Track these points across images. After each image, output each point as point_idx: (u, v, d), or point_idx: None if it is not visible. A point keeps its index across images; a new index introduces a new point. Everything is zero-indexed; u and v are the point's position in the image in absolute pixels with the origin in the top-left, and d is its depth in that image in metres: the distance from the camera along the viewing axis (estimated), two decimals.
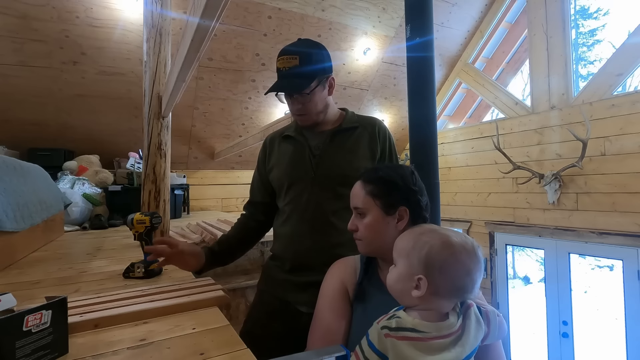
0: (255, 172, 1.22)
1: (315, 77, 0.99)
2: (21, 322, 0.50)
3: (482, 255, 0.61)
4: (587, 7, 8.20)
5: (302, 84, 0.98)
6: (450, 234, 0.62)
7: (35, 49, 2.48)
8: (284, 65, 0.99)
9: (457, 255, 0.59)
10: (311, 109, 1.03)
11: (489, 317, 0.64)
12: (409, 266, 0.61)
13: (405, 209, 0.74)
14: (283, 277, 1.06)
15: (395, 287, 0.63)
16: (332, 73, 1.06)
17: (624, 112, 2.78)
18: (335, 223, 1.01)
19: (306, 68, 0.98)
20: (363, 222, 0.78)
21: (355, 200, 0.80)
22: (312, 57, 0.99)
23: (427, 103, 1.30)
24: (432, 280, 0.58)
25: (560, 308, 3.20)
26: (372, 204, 0.76)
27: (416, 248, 0.61)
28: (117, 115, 3.07)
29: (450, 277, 0.59)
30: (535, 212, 3.36)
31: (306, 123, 1.07)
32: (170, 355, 0.56)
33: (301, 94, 1.00)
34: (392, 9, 3.38)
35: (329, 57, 1.05)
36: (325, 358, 0.56)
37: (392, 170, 0.78)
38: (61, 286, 0.97)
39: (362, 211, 0.78)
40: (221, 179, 4.05)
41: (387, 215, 0.75)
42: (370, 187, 0.77)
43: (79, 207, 2.26)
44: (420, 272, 0.59)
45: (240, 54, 3.12)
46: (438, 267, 0.58)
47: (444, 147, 4.30)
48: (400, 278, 0.62)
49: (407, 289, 0.60)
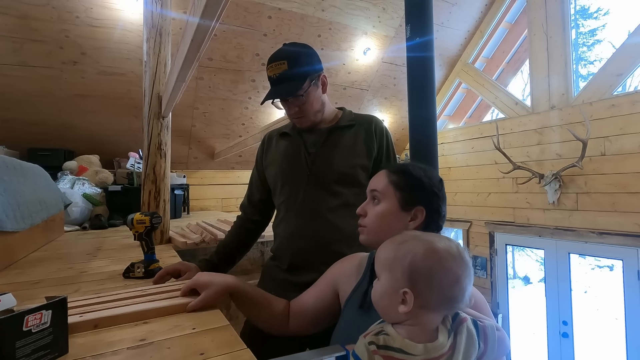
0: (254, 169, 1.23)
1: (306, 77, 1.00)
2: (21, 322, 0.50)
3: (469, 259, 0.56)
4: (587, 7, 8.20)
5: (294, 86, 0.99)
6: (433, 239, 0.57)
7: (35, 49, 2.48)
8: (273, 72, 0.99)
9: (443, 262, 0.54)
10: (308, 109, 1.03)
11: (487, 333, 0.57)
12: (393, 279, 0.56)
13: (422, 210, 0.72)
14: (282, 277, 1.06)
15: (380, 303, 0.58)
16: (323, 71, 1.06)
17: (624, 112, 2.78)
18: (331, 220, 1.01)
19: (296, 70, 0.98)
20: (375, 209, 0.75)
21: (374, 184, 0.77)
22: (299, 58, 1.00)
23: (427, 103, 1.30)
24: (418, 293, 0.53)
25: (560, 308, 3.20)
26: (391, 193, 0.73)
27: (398, 258, 0.56)
28: (117, 115, 3.07)
29: (439, 287, 0.54)
30: (535, 212, 3.36)
31: (305, 125, 1.07)
32: (170, 355, 0.56)
33: (296, 96, 1.00)
34: (392, 9, 3.38)
35: (316, 56, 1.05)
36: (325, 358, 0.57)
37: (422, 170, 0.76)
38: (61, 286, 0.97)
39: (378, 196, 0.75)
40: (221, 179, 4.05)
41: (402, 209, 0.72)
42: (395, 177, 0.75)
43: (79, 207, 2.25)
44: (406, 285, 0.54)
45: (240, 54, 3.12)
46: (424, 278, 0.54)
47: (444, 147, 4.30)
48: (385, 293, 0.57)
49: (393, 305, 0.55)
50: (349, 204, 1.03)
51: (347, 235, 1.01)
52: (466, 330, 0.55)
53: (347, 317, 0.77)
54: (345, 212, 1.03)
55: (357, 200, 1.05)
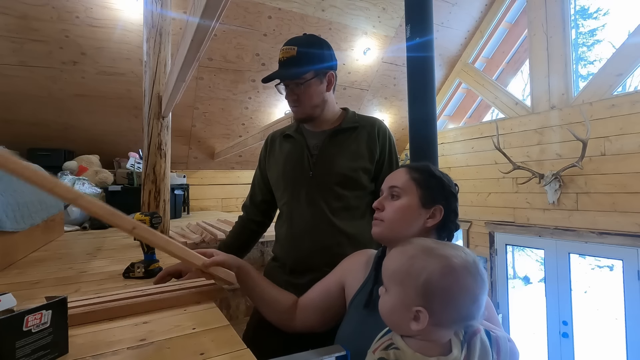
0: (257, 170, 1.23)
1: (310, 68, 1.00)
2: (21, 322, 0.50)
3: (485, 272, 0.54)
4: (587, 7, 8.20)
5: (295, 72, 1.00)
6: (449, 254, 0.53)
7: (35, 49, 2.48)
8: (282, 55, 1.01)
9: (460, 281, 0.51)
10: (305, 101, 1.03)
11: (499, 344, 0.56)
12: (405, 295, 0.53)
13: (441, 208, 0.72)
14: (284, 278, 1.05)
15: (390, 318, 0.55)
16: (334, 70, 1.06)
17: (624, 112, 2.78)
18: (334, 222, 1.01)
19: (303, 58, 0.99)
20: (394, 204, 0.74)
21: (394, 180, 0.77)
22: (310, 48, 1.01)
23: (427, 103, 1.30)
24: (433, 312, 0.51)
25: (560, 308, 3.20)
26: (412, 189, 0.74)
27: (412, 275, 0.53)
28: (117, 115, 3.07)
29: (455, 307, 0.51)
30: (535, 212, 3.36)
31: (299, 115, 1.06)
32: (170, 355, 0.56)
33: (294, 82, 1.01)
34: (392, 9, 3.38)
35: (331, 54, 1.05)
36: (325, 358, 0.57)
37: (441, 172, 0.78)
38: (61, 286, 0.97)
39: (398, 192, 0.75)
40: (221, 179, 4.05)
41: (422, 206, 0.72)
42: (416, 174, 0.75)
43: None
44: (419, 304, 0.51)
45: (240, 54, 3.12)
46: (440, 298, 0.51)
47: (444, 147, 4.30)
48: (395, 309, 0.54)
49: (404, 321, 0.53)
50: (350, 206, 1.03)
51: (348, 237, 1.01)
52: (480, 342, 0.54)
53: (352, 316, 0.77)
54: (347, 214, 1.03)
55: (359, 203, 1.05)
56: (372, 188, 1.08)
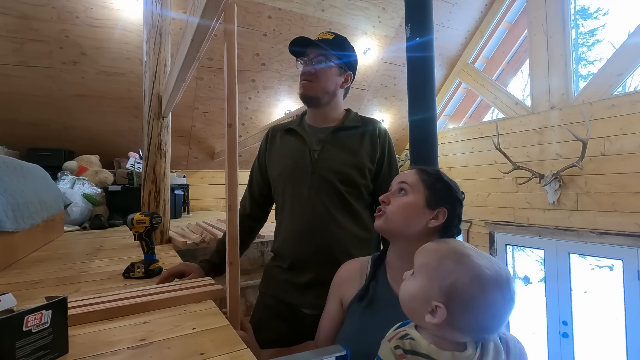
0: (255, 163, 1.21)
1: (338, 56, 1.06)
2: (21, 322, 0.50)
3: (515, 289, 0.53)
4: (587, 7, 8.18)
5: (325, 48, 1.04)
6: (482, 264, 0.53)
7: (35, 49, 2.48)
8: (319, 36, 1.08)
9: (486, 294, 0.51)
10: (320, 78, 1.06)
11: (509, 346, 0.57)
12: (428, 288, 0.54)
13: (445, 211, 0.74)
14: (284, 277, 1.05)
15: (408, 305, 0.57)
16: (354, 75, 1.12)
17: (624, 112, 2.78)
18: (336, 219, 1.01)
19: (335, 45, 1.06)
20: (400, 199, 0.77)
21: (404, 177, 0.79)
22: (345, 43, 1.09)
23: (427, 103, 1.30)
24: (451, 313, 0.51)
25: (560, 308, 3.20)
26: (420, 189, 0.76)
27: (440, 273, 0.53)
28: (117, 115, 3.07)
29: (474, 316, 0.51)
30: (535, 212, 3.36)
31: (308, 91, 1.07)
32: (170, 355, 0.56)
33: (323, 55, 1.05)
34: (392, 9, 3.38)
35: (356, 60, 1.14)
36: (325, 358, 0.57)
37: (450, 179, 0.80)
38: (61, 286, 0.97)
39: (406, 188, 0.77)
40: (221, 179, 4.05)
41: (427, 206, 0.74)
42: (425, 176, 0.78)
43: (79, 207, 2.25)
44: (440, 300, 0.52)
45: (240, 54, 3.12)
46: (462, 303, 0.51)
47: (444, 147, 4.30)
48: (416, 297, 0.55)
49: (420, 311, 0.54)
50: (351, 203, 1.03)
51: (349, 234, 1.01)
52: (492, 343, 0.54)
53: (352, 316, 0.77)
54: (347, 212, 1.03)
55: (359, 201, 1.06)
56: (371, 188, 1.08)
